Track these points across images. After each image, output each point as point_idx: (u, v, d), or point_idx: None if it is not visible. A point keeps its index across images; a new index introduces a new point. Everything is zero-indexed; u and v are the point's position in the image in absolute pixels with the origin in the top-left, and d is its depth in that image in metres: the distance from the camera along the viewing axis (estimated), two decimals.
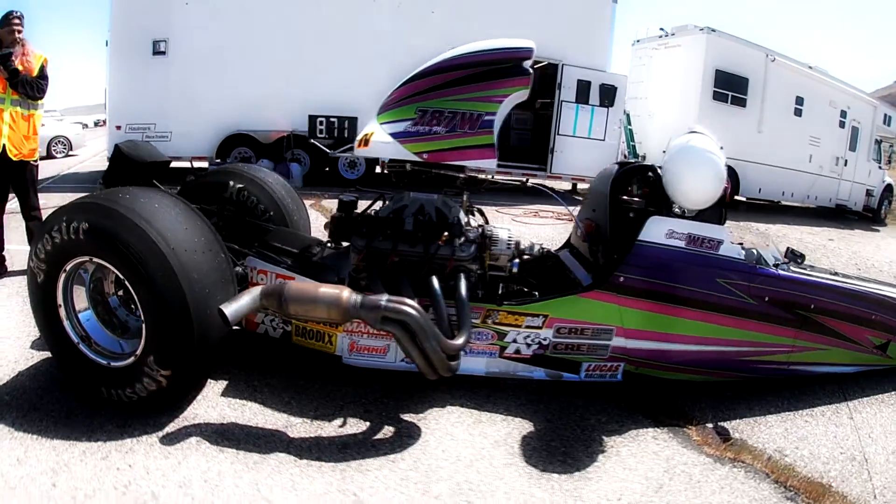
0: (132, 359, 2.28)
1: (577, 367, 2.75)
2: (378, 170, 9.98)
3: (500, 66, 2.73)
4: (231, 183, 3.59)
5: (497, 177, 10.15)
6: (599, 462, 2.28)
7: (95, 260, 2.28)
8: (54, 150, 13.76)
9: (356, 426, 2.41)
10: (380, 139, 2.82)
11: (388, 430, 2.40)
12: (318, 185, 9.38)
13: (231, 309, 2.18)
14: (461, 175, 3.03)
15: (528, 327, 2.67)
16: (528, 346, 2.69)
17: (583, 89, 9.70)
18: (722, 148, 2.85)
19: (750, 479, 2.28)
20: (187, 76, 8.61)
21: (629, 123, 10.68)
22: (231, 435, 2.25)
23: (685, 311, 2.83)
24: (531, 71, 2.74)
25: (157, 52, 8.55)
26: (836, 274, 3.57)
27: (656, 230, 2.76)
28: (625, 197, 3.01)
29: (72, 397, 2.41)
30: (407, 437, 2.36)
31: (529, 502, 2.00)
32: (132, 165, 3.16)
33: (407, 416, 2.51)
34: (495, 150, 2.69)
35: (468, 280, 2.59)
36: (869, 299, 3.27)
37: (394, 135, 2.79)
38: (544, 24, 9.44)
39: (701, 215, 2.89)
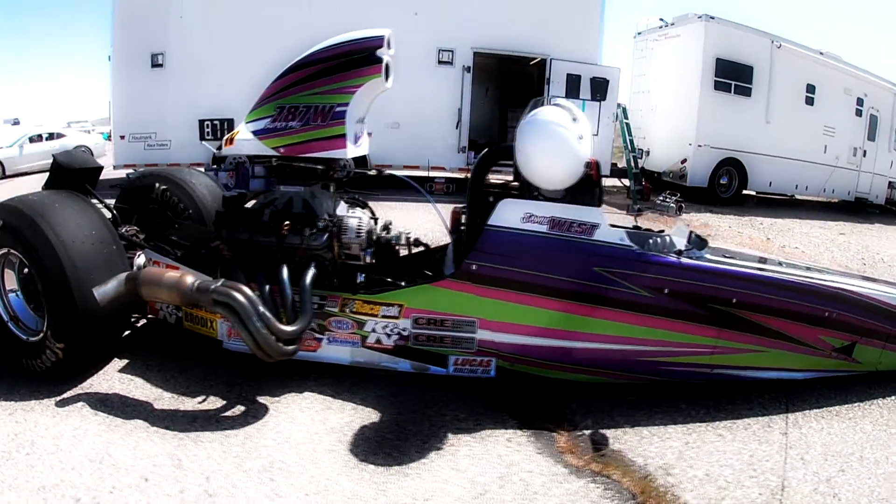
0: (41, 335, 2.64)
1: (445, 360, 2.72)
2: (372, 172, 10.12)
3: (353, 57, 2.78)
4: (157, 185, 3.86)
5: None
6: (428, 459, 2.22)
7: (11, 251, 2.67)
8: None
9: (213, 403, 2.58)
10: (243, 137, 2.97)
11: (237, 409, 2.55)
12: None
13: (100, 291, 2.49)
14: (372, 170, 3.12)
15: (384, 317, 2.71)
16: (389, 336, 2.72)
17: (573, 83, 9.56)
18: (576, 120, 2.55)
19: (606, 497, 2.04)
20: (183, 87, 9.04)
21: (626, 117, 10.39)
22: (109, 403, 2.54)
23: (558, 304, 2.63)
24: (383, 58, 2.76)
25: (155, 65, 9.04)
26: (781, 265, 3.20)
27: (509, 214, 2.60)
28: (494, 180, 2.97)
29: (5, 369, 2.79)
30: (252, 416, 2.50)
31: (331, 489, 2.05)
32: (66, 173, 3.41)
33: (262, 398, 2.64)
34: (346, 140, 2.74)
35: (314, 268, 2.65)
36: (820, 294, 2.89)
37: (255, 132, 2.93)
38: (531, 18, 9.44)
39: (574, 197, 2.68)
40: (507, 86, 11.76)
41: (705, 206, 10.27)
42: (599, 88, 9.59)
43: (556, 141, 2.51)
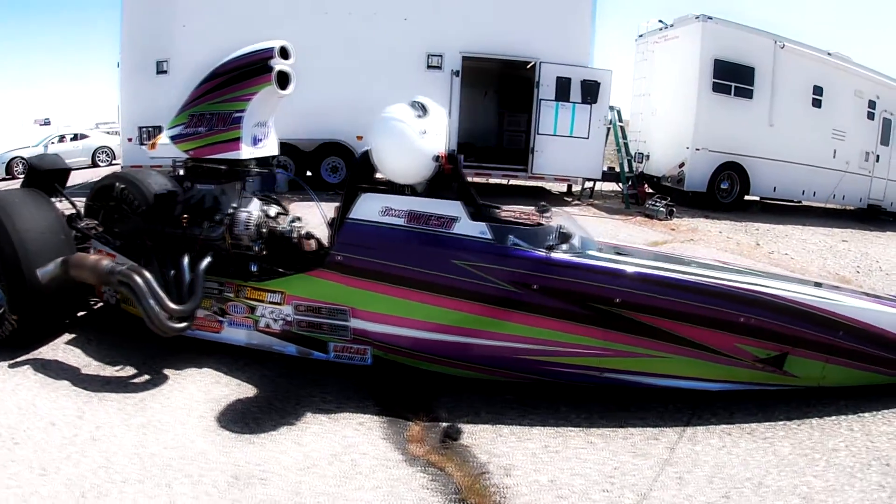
0: (3, 308, 3.12)
1: (325, 346, 2.95)
2: None
3: (249, 68, 3.14)
4: (116, 184, 4.34)
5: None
6: (277, 432, 2.44)
7: None
8: (98, 160, 15.79)
9: (127, 371, 2.98)
10: (162, 142, 3.38)
11: (144, 377, 2.93)
12: (301, 188, 10.13)
13: (41, 271, 2.98)
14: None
15: (270, 303, 3.02)
16: (276, 321, 3.04)
17: (562, 87, 9.71)
18: (421, 116, 2.72)
19: (426, 488, 2.09)
20: (186, 93, 9.65)
21: (620, 119, 10.47)
22: (49, 367, 3.00)
23: (420, 295, 2.73)
24: (274, 68, 3.10)
25: (160, 72, 9.73)
26: (691, 265, 3.06)
27: (368, 207, 2.79)
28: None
29: None
30: (152, 384, 2.87)
31: (186, 446, 2.35)
32: (37, 174, 3.95)
33: (167, 370, 2.99)
34: (241, 143, 3.11)
35: (210, 257, 3.01)
36: (730, 297, 2.72)
37: (171, 138, 3.33)
38: (520, 22, 9.66)
39: (434, 191, 2.86)
40: (506, 89, 11.99)
41: (703, 210, 10.22)
42: (590, 91, 9.71)
43: (397, 136, 2.71)
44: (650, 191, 11.14)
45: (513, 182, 11.25)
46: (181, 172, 3.47)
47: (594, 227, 7.88)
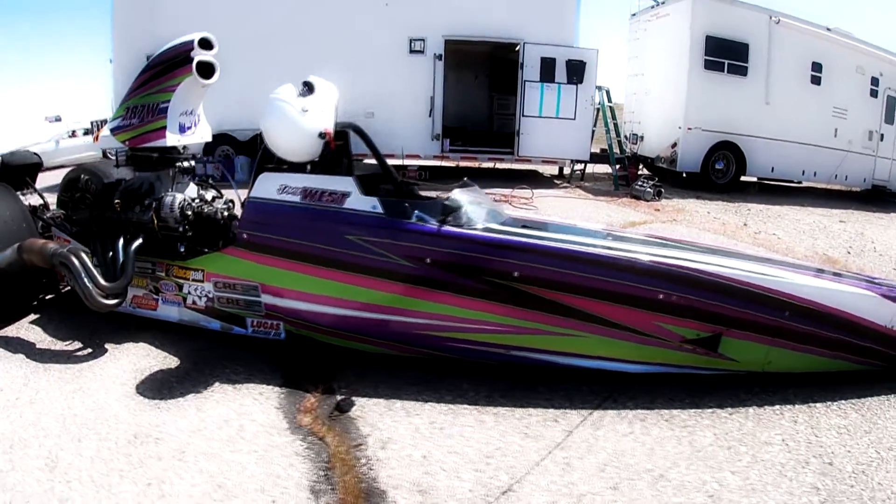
0: None
1: (243, 321, 3.17)
2: None
3: (172, 61, 3.38)
4: (82, 176, 4.66)
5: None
6: (184, 399, 2.67)
7: None
8: (109, 154, 16.35)
9: (73, 346, 3.29)
10: (104, 133, 3.67)
11: (86, 351, 3.23)
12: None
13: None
14: None
15: (193, 280, 3.27)
16: (200, 298, 3.29)
17: (547, 67, 9.75)
18: (304, 94, 2.86)
19: (300, 455, 2.23)
20: None
21: (609, 100, 10.46)
22: (10, 342, 3.32)
23: (321, 271, 2.83)
24: (194, 59, 3.32)
25: None
26: (608, 237, 3.03)
27: (267, 186, 2.97)
28: None
29: None
30: (92, 357, 3.16)
31: (103, 408, 2.59)
32: (8, 168, 4.29)
33: (109, 345, 3.27)
34: (166, 131, 3.36)
35: (140, 238, 3.28)
36: (645, 272, 2.62)
37: (111, 130, 3.61)
38: (503, 3, 9.74)
39: (326, 168, 2.98)
40: (497, 73, 12.06)
41: (696, 192, 10.20)
42: (576, 71, 9.74)
43: (279, 115, 2.88)
44: (643, 172, 11.13)
45: (503, 166, 11.36)
46: (123, 161, 3.76)
47: (574, 210, 8.06)
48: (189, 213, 3.38)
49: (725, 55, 9.79)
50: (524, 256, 2.66)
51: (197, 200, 3.51)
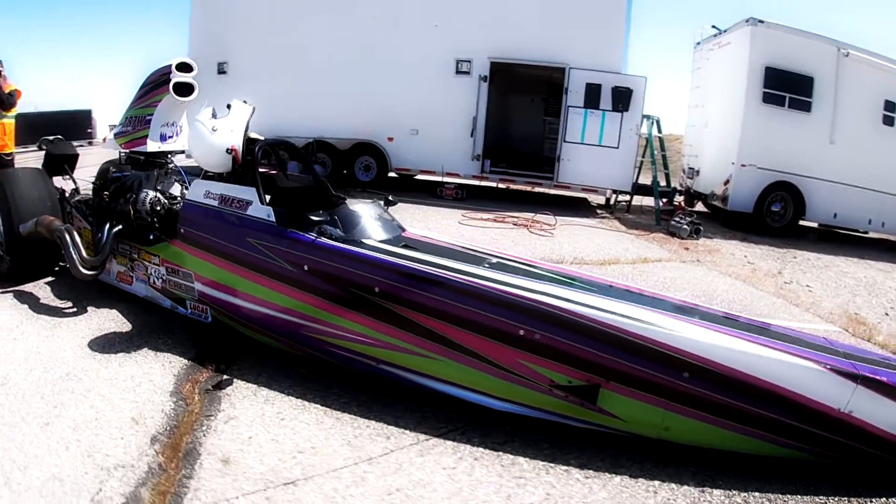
0: (3, 252, 4.47)
1: (185, 303, 3.83)
2: (391, 174, 11.58)
3: (157, 81, 4.17)
4: (110, 168, 5.70)
5: None
6: (95, 362, 3.24)
7: None
8: None
9: (66, 304, 4.16)
10: (109, 136, 4.54)
11: (72, 310, 4.07)
12: (336, 184, 11.37)
13: (22, 226, 4.29)
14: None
15: (153, 264, 4.01)
16: (158, 279, 4.02)
17: (592, 93, 9.95)
18: (215, 116, 3.54)
19: (162, 411, 2.73)
20: (240, 91, 11.25)
21: (659, 131, 10.34)
22: (23, 296, 4.26)
23: (232, 266, 3.33)
24: (171, 80, 4.08)
25: (220, 72, 11.55)
26: (480, 262, 3.04)
27: (197, 190, 3.62)
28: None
29: None
30: (73, 314, 4.01)
31: (49, 359, 3.35)
32: (51, 157, 5.39)
33: (90, 308, 4.10)
34: (147, 139, 4.14)
35: (119, 225, 4.05)
36: (508, 305, 2.58)
37: (115, 135, 4.48)
38: (550, 27, 10.12)
39: (238, 179, 3.53)
40: (552, 97, 12.32)
41: (746, 234, 9.81)
42: (621, 98, 9.83)
43: (194, 132, 3.59)
44: (696, 208, 10.84)
45: (540, 190, 11.57)
46: (124, 161, 4.63)
47: (591, 241, 8.16)
48: (158, 207, 4.12)
49: (787, 88, 9.42)
50: (383, 273, 2.84)
51: (166, 197, 4.25)
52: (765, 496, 2.43)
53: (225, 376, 3.20)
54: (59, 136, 9.38)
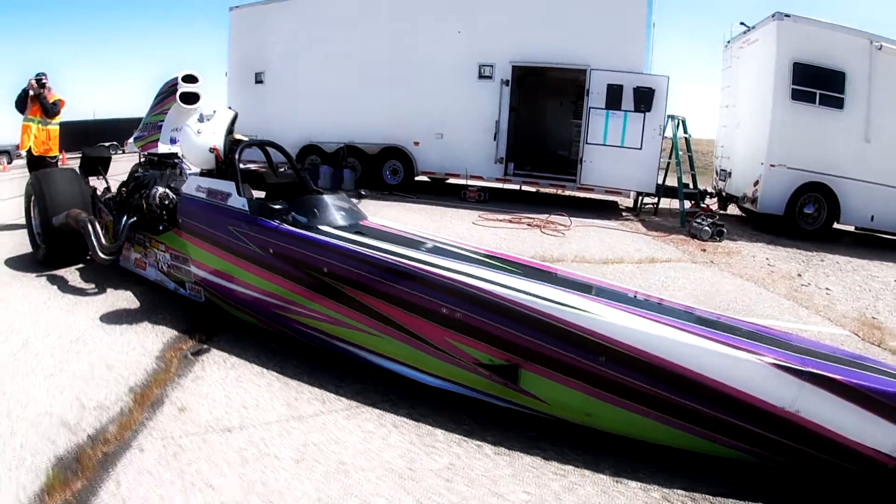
0: (41, 239, 5.23)
1: (184, 285, 4.39)
2: (418, 178, 12.10)
3: (168, 92, 4.82)
4: (138, 169, 6.47)
5: None
6: (119, 325, 3.88)
7: (33, 196, 5.32)
8: None
9: (90, 286, 4.79)
10: (130, 141, 5.23)
11: (94, 289, 4.72)
12: (365, 188, 11.99)
13: (55, 218, 4.97)
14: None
15: (161, 251, 4.62)
16: (165, 264, 4.63)
17: (613, 94, 10.11)
18: (202, 121, 4.13)
19: (145, 370, 3.24)
20: (277, 99, 12.31)
21: (685, 131, 10.31)
22: (55, 279, 4.94)
23: (217, 251, 3.78)
24: (178, 90, 4.70)
25: (257, 82, 12.50)
26: (416, 245, 3.32)
27: (191, 185, 4.17)
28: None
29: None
30: (93, 293, 4.65)
31: (48, 322, 4.02)
32: (86, 159, 6.20)
33: (109, 290, 4.74)
34: (158, 143, 4.78)
35: (135, 217, 4.69)
36: (436, 286, 2.76)
37: (134, 139, 5.18)
38: (570, 30, 10.41)
39: (222, 174, 4.06)
40: (580, 99, 12.50)
41: (775, 236, 9.64)
42: (644, 99, 9.93)
43: (182, 135, 4.20)
44: (728, 211, 10.71)
45: (573, 194, 11.74)
46: (144, 162, 5.32)
47: (602, 242, 8.33)
48: (166, 201, 4.74)
49: (817, 84, 9.24)
50: (330, 255, 3.18)
51: (174, 193, 4.87)
52: (689, 495, 2.36)
53: (205, 346, 3.72)
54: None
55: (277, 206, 3.65)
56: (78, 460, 2.45)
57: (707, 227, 9.02)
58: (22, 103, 6.97)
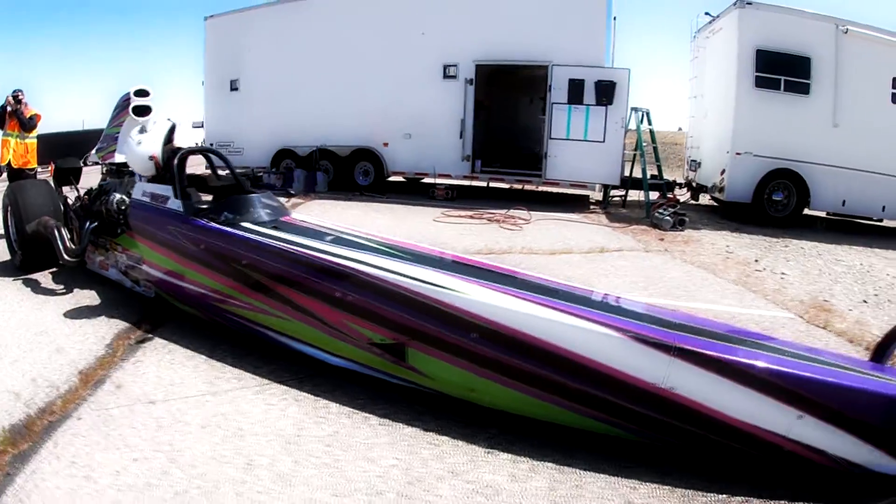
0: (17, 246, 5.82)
1: (139, 282, 4.92)
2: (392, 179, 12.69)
3: (121, 106, 5.44)
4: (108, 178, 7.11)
5: None
6: (76, 321, 4.35)
7: (8, 206, 5.93)
8: None
9: (59, 286, 5.37)
10: (93, 150, 5.86)
11: (63, 290, 5.33)
12: (338, 189, 12.66)
13: (28, 226, 5.55)
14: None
15: (119, 252, 5.22)
16: (122, 264, 5.23)
17: (575, 89, 10.61)
18: (142, 132, 4.63)
19: (92, 353, 3.72)
20: (252, 106, 12.98)
21: (650, 122, 10.81)
22: (30, 282, 5.49)
23: (160, 249, 4.25)
24: (130, 104, 5.32)
25: (233, 89, 13.17)
26: (318, 236, 3.65)
27: (139, 190, 4.71)
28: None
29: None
30: (61, 294, 5.23)
31: (23, 319, 4.66)
32: (59, 171, 6.83)
33: (76, 290, 5.32)
34: (115, 154, 5.40)
35: (97, 222, 5.29)
36: (329, 272, 3.15)
37: (96, 149, 5.81)
38: (531, 27, 10.92)
39: (163, 180, 4.55)
40: None
41: (740, 224, 10.09)
42: (605, 92, 10.44)
43: (124, 144, 4.76)
44: (674, 199, 11.08)
45: (542, 189, 12.25)
46: (106, 171, 5.96)
47: (559, 233, 8.86)
48: (123, 206, 5.35)
49: (781, 71, 9.62)
50: (245, 248, 3.63)
51: (130, 199, 5.48)
52: (558, 468, 2.49)
53: (149, 335, 4.31)
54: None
55: (208, 207, 4.13)
56: (27, 427, 3.05)
57: (668, 217, 9.47)
58: (0, 119, 7.64)
